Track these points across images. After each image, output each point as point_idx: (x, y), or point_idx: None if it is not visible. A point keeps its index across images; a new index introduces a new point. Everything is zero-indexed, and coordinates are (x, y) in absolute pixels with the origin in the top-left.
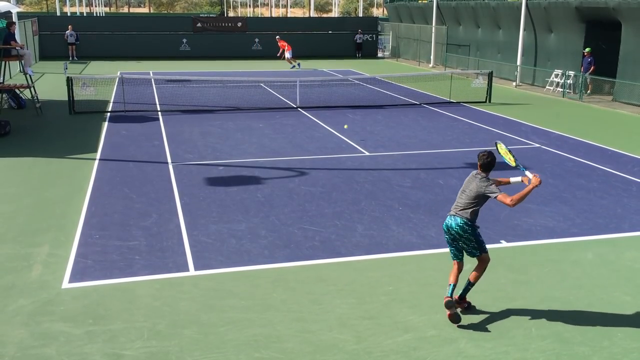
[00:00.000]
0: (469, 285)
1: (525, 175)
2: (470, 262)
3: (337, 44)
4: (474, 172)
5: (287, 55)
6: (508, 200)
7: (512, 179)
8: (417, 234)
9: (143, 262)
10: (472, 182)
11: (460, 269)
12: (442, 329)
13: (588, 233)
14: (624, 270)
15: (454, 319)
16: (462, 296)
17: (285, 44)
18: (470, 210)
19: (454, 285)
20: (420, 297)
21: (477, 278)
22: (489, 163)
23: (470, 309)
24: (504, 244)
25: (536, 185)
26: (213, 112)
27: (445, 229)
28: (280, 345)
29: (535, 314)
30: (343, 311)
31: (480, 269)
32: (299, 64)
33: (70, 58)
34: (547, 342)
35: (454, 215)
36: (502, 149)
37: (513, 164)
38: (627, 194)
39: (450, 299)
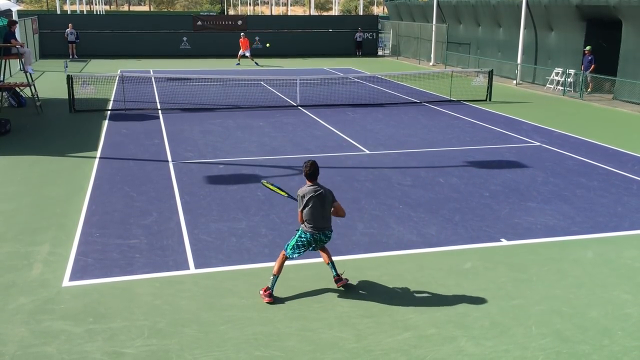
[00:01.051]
0: (332, 264)
1: None
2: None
3: (337, 42)
4: (312, 187)
5: (242, 52)
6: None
7: None
8: (418, 233)
9: (143, 260)
10: (328, 196)
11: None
12: (442, 328)
13: (588, 231)
14: (624, 268)
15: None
16: (338, 274)
17: (247, 43)
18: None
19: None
20: (420, 295)
21: (329, 258)
22: (314, 172)
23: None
24: (504, 242)
25: None
26: (213, 111)
27: (314, 242)
28: (280, 343)
29: (535, 313)
30: (343, 309)
31: (328, 251)
32: (238, 64)
33: (71, 56)
34: (547, 341)
35: (328, 230)
36: (269, 186)
37: (285, 194)
38: (627, 192)
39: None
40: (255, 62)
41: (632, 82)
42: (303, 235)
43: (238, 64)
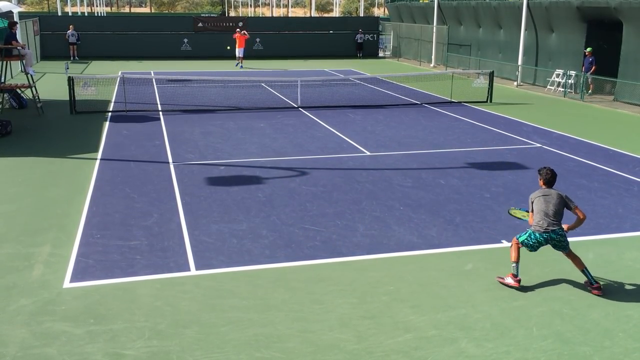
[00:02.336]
0: (585, 270)
1: None
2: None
3: (338, 43)
4: (542, 190)
5: (238, 53)
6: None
7: None
8: (418, 234)
9: (144, 261)
10: (554, 196)
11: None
12: (443, 329)
13: (589, 233)
14: (625, 270)
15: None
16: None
17: (243, 39)
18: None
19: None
20: (421, 297)
21: (581, 264)
22: (552, 180)
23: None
24: (505, 243)
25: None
26: (214, 112)
27: (545, 242)
28: (281, 345)
29: (536, 314)
30: (344, 311)
31: (578, 258)
32: (240, 66)
33: (72, 58)
34: (549, 342)
35: (555, 230)
36: (517, 213)
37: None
38: (628, 193)
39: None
40: (240, 65)
41: (633, 83)
42: (532, 235)
43: (240, 66)
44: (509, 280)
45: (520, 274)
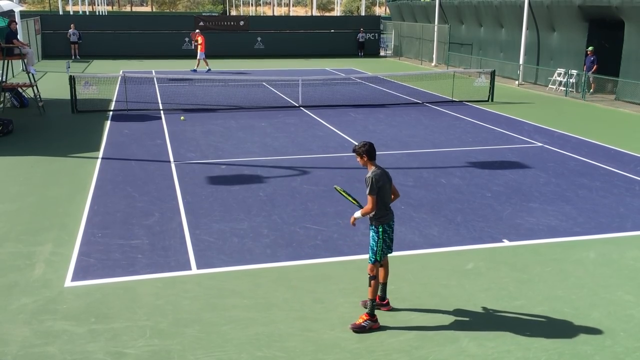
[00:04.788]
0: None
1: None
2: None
3: (339, 42)
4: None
5: (199, 55)
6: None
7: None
8: (419, 233)
9: (145, 260)
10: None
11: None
12: (444, 328)
13: (591, 232)
14: (627, 269)
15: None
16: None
17: (201, 40)
18: None
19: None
20: (422, 296)
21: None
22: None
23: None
24: (506, 242)
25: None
26: (215, 111)
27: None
28: (282, 344)
29: (537, 313)
30: (345, 310)
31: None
32: (208, 70)
33: (73, 57)
34: (550, 341)
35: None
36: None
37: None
38: (629, 193)
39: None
40: (194, 70)
41: (635, 82)
42: (386, 231)
43: (209, 69)
44: (368, 323)
45: (522, 273)
